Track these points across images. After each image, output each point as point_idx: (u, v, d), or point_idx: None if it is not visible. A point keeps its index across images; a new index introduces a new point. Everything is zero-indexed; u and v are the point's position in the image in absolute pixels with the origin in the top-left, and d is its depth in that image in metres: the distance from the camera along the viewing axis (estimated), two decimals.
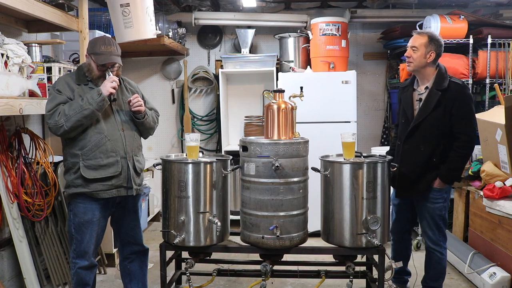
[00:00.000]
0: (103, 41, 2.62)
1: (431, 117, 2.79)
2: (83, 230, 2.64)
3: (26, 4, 2.73)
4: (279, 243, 2.57)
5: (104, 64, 2.58)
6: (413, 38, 2.86)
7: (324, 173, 2.62)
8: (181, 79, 5.60)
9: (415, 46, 2.81)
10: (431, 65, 2.84)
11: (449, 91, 2.77)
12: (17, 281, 3.18)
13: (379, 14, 5.17)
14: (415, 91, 2.93)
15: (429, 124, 2.80)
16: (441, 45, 2.84)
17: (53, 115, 2.52)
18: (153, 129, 2.88)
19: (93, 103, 2.50)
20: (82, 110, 2.49)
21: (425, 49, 2.79)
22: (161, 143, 5.70)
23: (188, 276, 2.70)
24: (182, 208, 2.55)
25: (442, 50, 2.85)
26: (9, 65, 2.74)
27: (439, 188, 2.87)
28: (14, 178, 3.02)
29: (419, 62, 2.82)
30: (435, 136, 2.81)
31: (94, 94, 2.53)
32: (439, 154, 2.83)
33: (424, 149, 2.83)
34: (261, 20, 5.26)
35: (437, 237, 2.93)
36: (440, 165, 2.84)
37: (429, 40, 2.80)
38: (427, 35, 2.82)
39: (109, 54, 2.59)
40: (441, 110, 2.78)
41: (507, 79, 4.48)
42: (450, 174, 2.84)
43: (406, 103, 2.94)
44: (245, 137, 4.10)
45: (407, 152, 2.88)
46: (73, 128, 2.52)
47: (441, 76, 2.83)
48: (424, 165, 2.84)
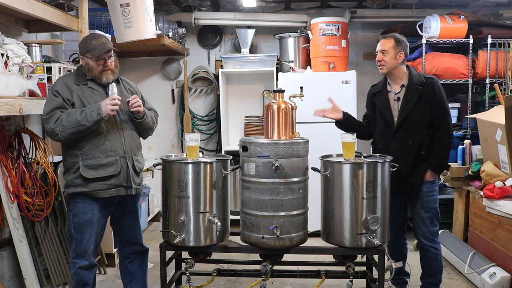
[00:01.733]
0: (93, 37, 2.66)
1: (414, 111, 2.91)
2: (83, 230, 2.64)
3: (26, 4, 2.73)
4: (279, 243, 2.57)
5: (100, 55, 2.58)
6: (381, 43, 2.99)
7: (324, 173, 2.62)
8: (181, 79, 5.60)
9: (384, 49, 2.95)
10: (402, 65, 2.98)
11: (426, 86, 2.92)
12: (17, 281, 3.18)
13: (379, 14, 5.17)
14: (390, 92, 3.03)
15: (412, 119, 2.91)
16: (407, 45, 3.01)
17: (50, 120, 2.52)
18: (152, 129, 2.88)
19: (90, 121, 2.50)
20: (78, 125, 2.50)
21: (394, 51, 2.94)
22: (161, 143, 5.70)
23: (188, 276, 2.70)
24: (182, 208, 2.55)
25: (408, 49, 3.02)
26: (9, 65, 2.74)
27: (432, 180, 2.96)
28: (14, 178, 3.02)
29: (390, 64, 2.95)
30: (420, 129, 2.92)
31: (94, 113, 2.51)
32: (426, 146, 2.94)
33: (412, 142, 2.92)
34: (261, 20, 5.26)
35: (431, 232, 2.98)
36: (427, 158, 2.94)
37: (396, 42, 2.95)
38: (393, 38, 2.97)
39: (102, 44, 2.61)
40: (422, 103, 2.91)
41: (507, 79, 4.48)
42: (440, 163, 2.96)
43: (383, 106, 3.02)
44: (245, 137, 4.10)
45: (396, 148, 2.93)
46: (68, 138, 2.54)
47: (414, 73, 2.98)
48: (415, 158, 2.93)
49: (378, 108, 3.04)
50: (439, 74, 4.45)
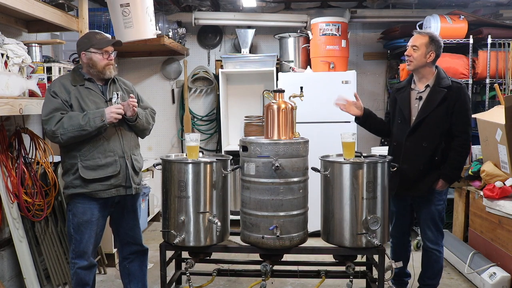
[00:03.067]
0: (95, 33, 2.71)
1: (434, 114, 2.80)
2: (82, 230, 2.64)
3: (26, 4, 2.73)
4: (279, 243, 2.57)
5: (107, 46, 2.62)
6: (414, 38, 2.87)
7: (324, 173, 2.62)
8: (181, 79, 5.60)
9: (415, 45, 2.82)
10: (431, 65, 2.86)
11: (452, 90, 2.80)
12: (17, 281, 3.18)
13: (379, 14, 5.17)
14: (413, 90, 2.93)
15: (431, 121, 2.81)
16: (441, 46, 2.86)
17: (50, 122, 2.52)
18: (147, 129, 2.86)
19: (93, 127, 2.50)
20: (80, 129, 2.50)
21: (426, 49, 2.80)
22: (161, 143, 5.70)
23: (188, 276, 2.70)
24: (182, 208, 2.55)
25: (441, 51, 2.87)
26: (9, 65, 2.74)
27: (441, 190, 2.88)
28: (14, 178, 3.02)
29: (419, 61, 2.83)
30: (437, 133, 2.82)
31: (97, 119, 2.51)
32: (441, 152, 2.83)
33: (427, 145, 2.82)
34: (261, 20, 5.26)
35: (436, 236, 2.94)
36: (440, 165, 2.84)
37: (430, 40, 2.81)
38: (428, 35, 2.83)
39: (106, 38, 2.68)
40: (444, 107, 2.80)
41: (507, 79, 4.48)
42: (453, 174, 2.85)
43: (403, 103, 2.93)
44: (245, 137, 4.10)
45: (409, 149, 2.86)
46: (68, 141, 2.54)
47: (442, 75, 2.86)
48: (427, 163, 2.83)
49: (398, 104, 2.97)
50: None
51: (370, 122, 3.07)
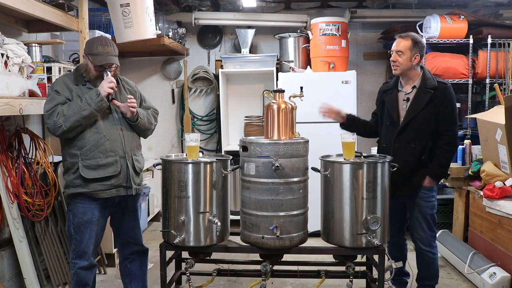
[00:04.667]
0: (100, 42, 2.63)
1: (421, 114, 2.85)
2: (82, 230, 2.64)
3: (26, 4, 2.73)
4: (279, 243, 2.57)
5: (102, 65, 2.59)
6: (397, 42, 2.89)
7: (324, 173, 2.62)
8: (181, 79, 5.60)
9: (400, 50, 2.86)
10: (416, 67, 2.90)
11: (438, 90, 2.84)
12: (17, 281, 3.18)
13: (379, 14, 5.17)
14: (400, 92, 2.98)
15: (419, 121, 2.85)
16: (424, 46, 2.92)
17: (52, 115, 2.53)
18: (150, 129, 2.87)
19: (91, 104, 2.51)
20: (81, 110, 2.51)
21: (410, 52, 2.85)
22: (161, 143, 5.70)
23: (188, 276, 2.70)
24: (182, 208, 2.55)
25: (425, 51, 2.92)
26: (9, 65, 2.74)
27: (430, 186, 2.92)
28: (14, 178, 3.02)
29: (405, 65, 2.87)
30: (424, 133, 2.87)
31: (92, 95, 2.54)
32: (428, 152, 2.89)
33: (415, 145, 2.87)
34: (261, 20, 5.26)
35: (429, 237, 2.96)
36: (428, 163, 2.89)
37: (413, 43, 2.85)
38: (410, 38, 2.86)
39: (106, 54, 2.60)
40: (431, 108, 2.84)
41: (507, 79, 4.48)
42: (440, 171, 2.91)
43: (391, 105, 2.97)
44: (245, 137, 4.10)
45: (398, 149, 2.90)
46: (72, 128, 2.53)
47: (427, 76, 2.90)
48: (416, 162, 2.89)
49: (386, 106, 3.00)
50: (439, 74, 4.45)
51: (354, 126, 3.14)
